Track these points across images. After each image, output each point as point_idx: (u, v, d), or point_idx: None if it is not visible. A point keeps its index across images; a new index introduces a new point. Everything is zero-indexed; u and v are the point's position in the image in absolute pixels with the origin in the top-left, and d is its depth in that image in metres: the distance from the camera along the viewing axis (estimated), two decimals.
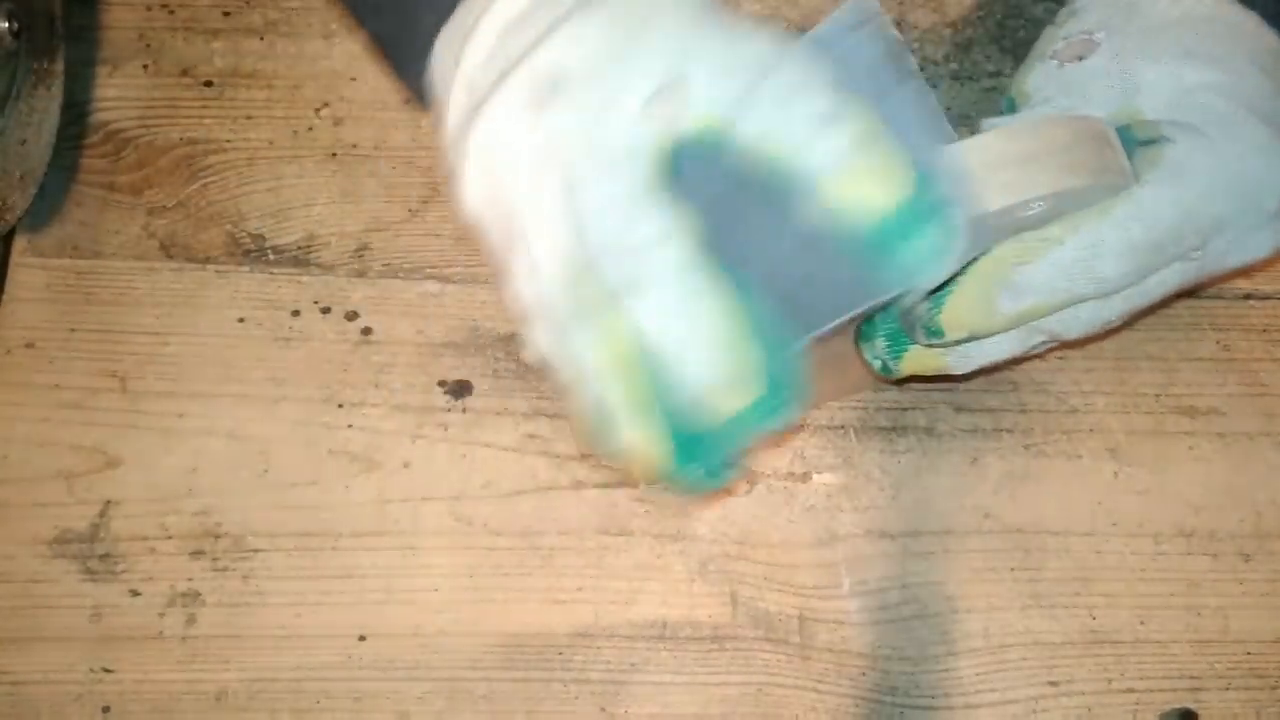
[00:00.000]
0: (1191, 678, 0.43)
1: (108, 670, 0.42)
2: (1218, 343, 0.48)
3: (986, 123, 0.38)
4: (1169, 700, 0.43)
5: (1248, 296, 0.48)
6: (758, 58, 0.28)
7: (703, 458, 0.29)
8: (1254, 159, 0.35)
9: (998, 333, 0.37)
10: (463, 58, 0.30)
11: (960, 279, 0.35)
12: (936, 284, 0.29)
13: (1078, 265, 0.35)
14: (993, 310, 0.36)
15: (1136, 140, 0.35)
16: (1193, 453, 0.46)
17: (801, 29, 0.52)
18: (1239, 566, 0.45)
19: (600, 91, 0.28)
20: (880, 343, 0.40)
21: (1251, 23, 0.37)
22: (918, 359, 0.39)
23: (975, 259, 0.35)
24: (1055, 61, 0.37)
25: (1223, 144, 0.35)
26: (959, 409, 0.46)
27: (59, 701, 0.42)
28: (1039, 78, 0.38)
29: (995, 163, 0.32)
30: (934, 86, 0.51)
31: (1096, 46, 0.37)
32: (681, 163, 0.28)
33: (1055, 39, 0.38)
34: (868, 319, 0.40)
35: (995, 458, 0.46)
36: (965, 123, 0.50)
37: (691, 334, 0.28)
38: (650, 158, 0.28)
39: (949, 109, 0.50)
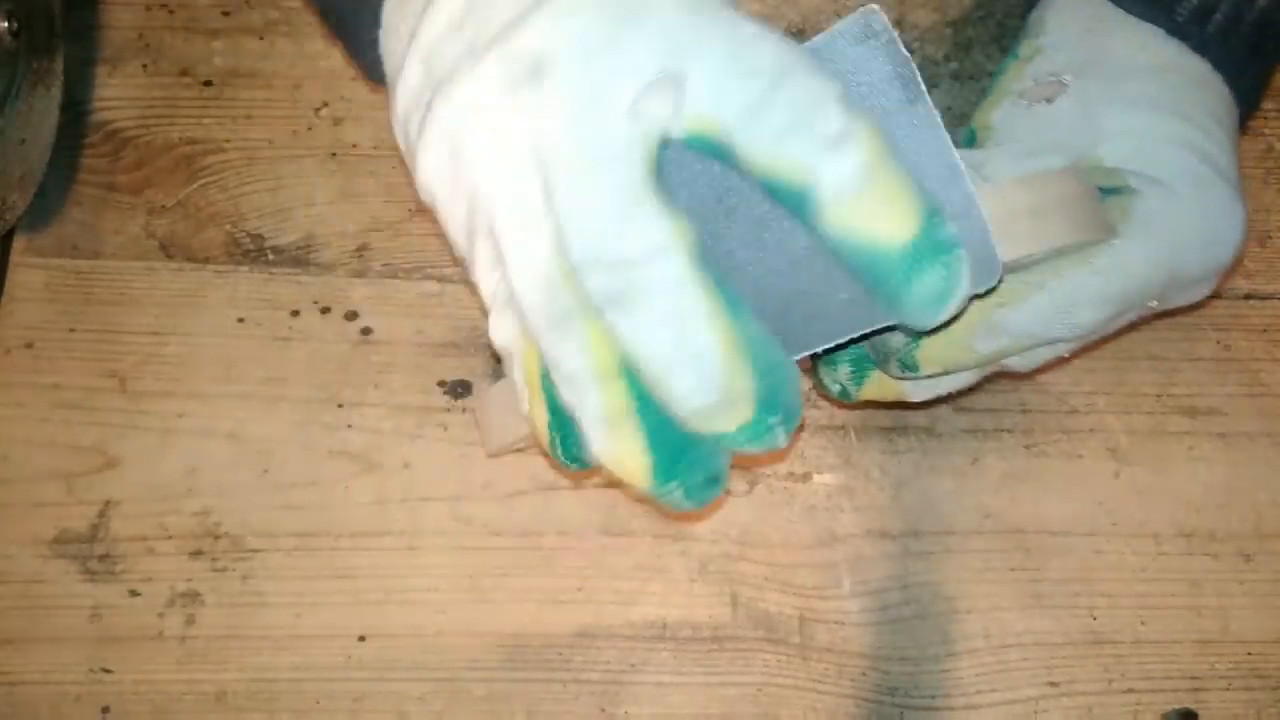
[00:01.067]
0: (1192, 678, 0.43)
1: (107, 670, 0.42)
2: (1218, 343, 0.48)
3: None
4: (1170, 700, 0.43)
5: (1248, 296, 0.48)
6: (763, 65, 0.25)
7: (683, 474, 0.27)
8: (1215, 216, 0.35)
9: (969, 369, 0.37)
10: (420, 28, 0.28)
11: None
12: (935, 325, 0.27)
13: (1057, 312, 0.35)
14: (969, 350, 0.36)
15: (1100, 189, 0.35)
16: (1193, 453, 0.46)
17: (801, 30, 0.52)
18: (1240, 566, 0.45)
19: (587, 83, 0.25)
20: (844, 369, 0.39)
21: (1206, 71, 0.37)
22: (878, 386, 0.39)
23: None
24: (1024, 101, 0.37)
25: (1188, 200, 0.35)
26: (959, 409, 0.46)
27: (58, 702, 0.42)
28: (1005, 115, 0.38)
29: (1008, 213, 0.32)
30: (934, 86, 0.51)
31: (1065, 89, 0.37)
32: (667, 162, 0.26)
33: (1023, 76, 0.38)
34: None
35: (995, 458, 0.46)
36: (965, 123, 0.50)
37: (680, 355, 0.26)
38: (640, 160, 0.25)
39: (949, 109, 0.50)
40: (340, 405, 0.46)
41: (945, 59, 0.51)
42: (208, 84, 0.50)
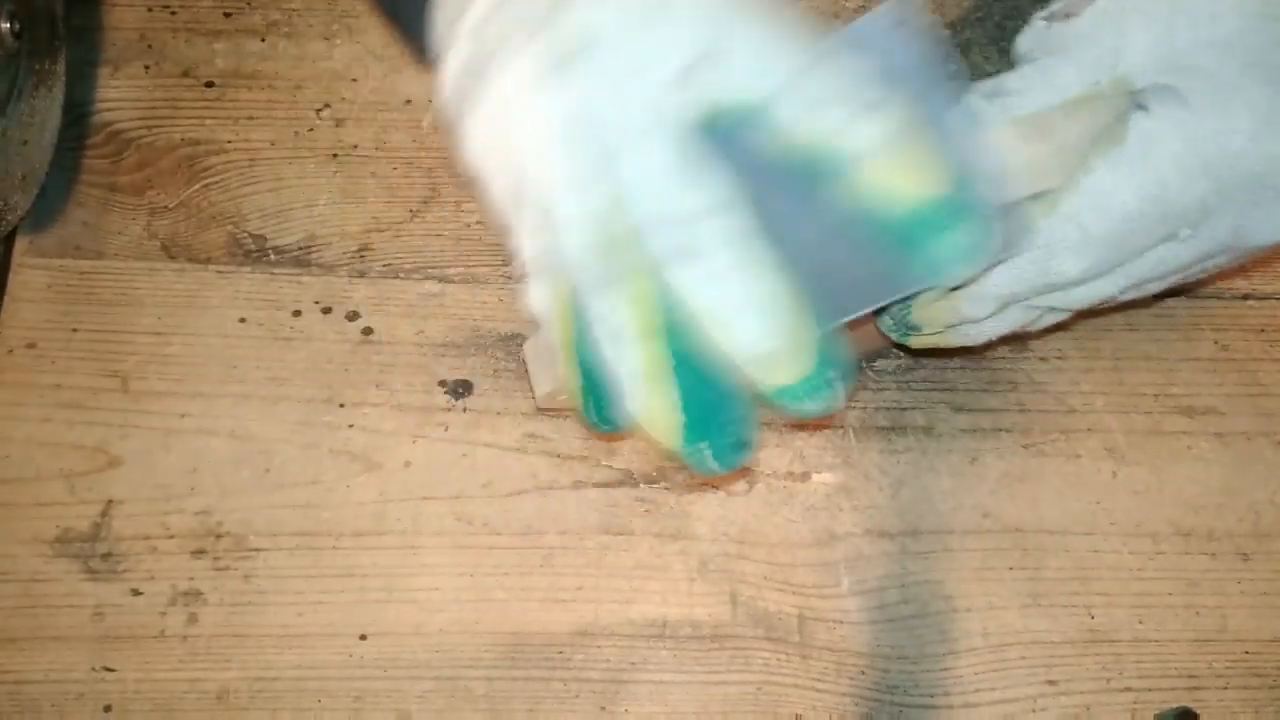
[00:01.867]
0: (1190, 677, 0.43)
1: (109, 669, 0.43)
2: (1216, 343, 0.48)
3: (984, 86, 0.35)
4: (1167, 699, 0.43)
5: (1246, 296, 0.48)
6: (799, 46, 0.27)
7: (712, 435, 0.28)
8: (1244, 132, 0.31)
9: (978, 321, 0.36)
10: (469, 4, 0.29)
11: None
12: (963, 281, 0.29)
13: (1034, 266, 0.33)
14: (959, 314, 0.35)
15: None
16: (1191, 452, 0.46)
17: None
18: (1237, 566, 0.45)
19: (633, 58, 0.27)
20: (889, 323, 0.39)
21: None
22: (925, 339, 0.38)
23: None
24: (1045, 21, 0.34)
25: (1205, 117, 0.31)
26: (958, 409, 0.46)
27: (60, 700, 0.42)
28: (1030, 38, 0.35)
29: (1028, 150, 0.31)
30: None
31: (1090, 2, 0.33)
32: (712, 133, 0.27)
33: None
34: None
35: (994, 457, 0.46)
36: None
37: (746, 302, 0.27)
38: (690, 126, 0.27)
39: None
40: (342, 405, 0.46)
41: (944, 60, 0.51)
42: (209, 85, 0.51)
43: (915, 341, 0.39)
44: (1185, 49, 0.31)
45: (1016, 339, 0.40)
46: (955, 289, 0.34)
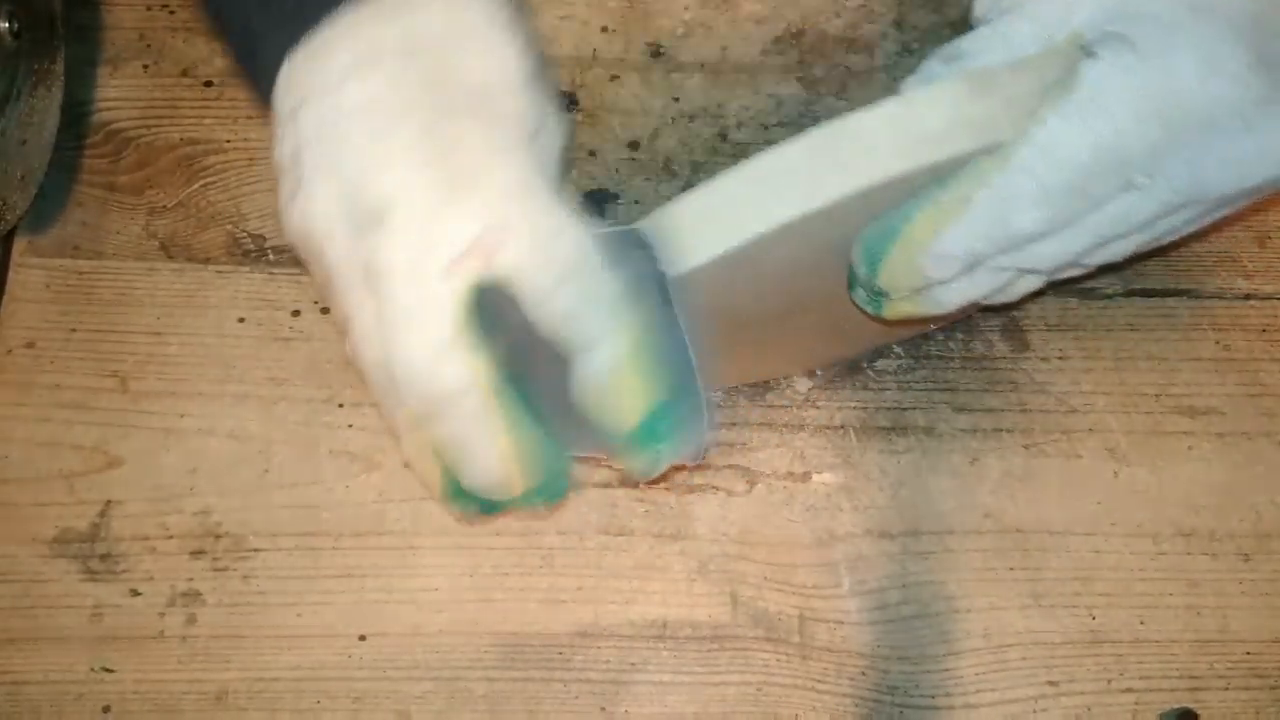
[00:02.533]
0: (1191, 677, 0.43)
1: (108, 670, 0.42)
2: (1217, 343, 0.48)
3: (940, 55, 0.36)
4: (1168, 700, 0.43)
5: (1248, 296, 0.48)
6: (558, 258, 0.30)
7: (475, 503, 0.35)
8: (1190, 74, 0.31)
9: (946, 283, 0.35)
10: (297, 118, 0.31)
11: (890, 247, 0.34)
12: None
13: (992, 223, 0.33)
14: (923, 274, 0.34)
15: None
16: (1192, 452, 0.46)
17: (800, 30, 0.52)
18: (1238, 566, 0.45)
19: (418, 240, 0.29)
20: (861, 293, 0.38)
21: None
22: (896, 306, 0.37)
23: (900, 226, 0.34)
24: None
25: (1153, 60, 0.31)
26: (959, 409, 0.46)
27: (59, 701, 0.42)
28: (983, 3, 0.35)
29: (922, 133, 0.32)
30: None
31: None
32: (491, 297, 0.30)
33: None
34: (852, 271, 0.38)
35: (995, 458, 0.46)
36: None
37: (467, 465, 0.32)
38: (451, 313, 0.30)
39: None
40: (341, 405, 0.46)
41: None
42: (209, 84, 0.51)
43: (888, 310, 0.37)
44: None
45: (998, 310, 0.40)
46: (917, 249, 0.34)
